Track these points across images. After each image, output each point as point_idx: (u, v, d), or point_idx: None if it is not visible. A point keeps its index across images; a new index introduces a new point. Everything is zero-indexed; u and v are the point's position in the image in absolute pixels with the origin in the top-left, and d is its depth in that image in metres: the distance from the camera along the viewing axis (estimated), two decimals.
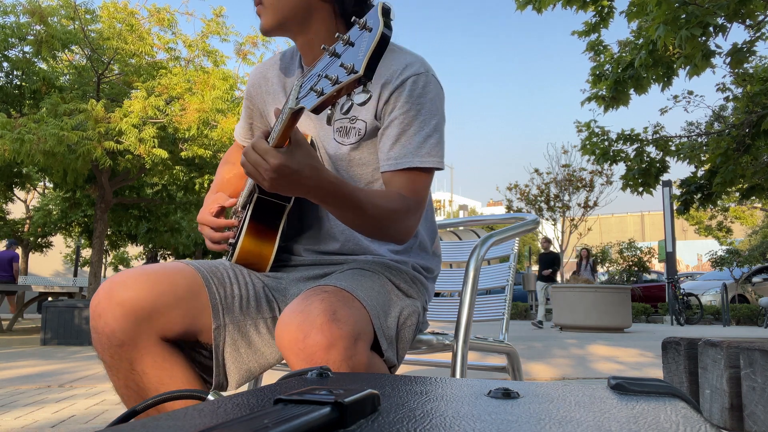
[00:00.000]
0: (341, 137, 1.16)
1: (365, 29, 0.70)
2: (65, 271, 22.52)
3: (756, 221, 23.71)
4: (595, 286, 10.44)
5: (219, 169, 1.43)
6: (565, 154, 19.23)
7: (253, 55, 9.48)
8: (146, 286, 0.98)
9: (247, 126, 1.38)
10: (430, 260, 1.30)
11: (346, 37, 0.72)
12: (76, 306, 6.62)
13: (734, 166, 6.89)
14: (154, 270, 1.02)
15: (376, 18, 0.69)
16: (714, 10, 4.71)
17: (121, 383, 1.01)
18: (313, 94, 0.75)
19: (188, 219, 13.42)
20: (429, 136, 1.10)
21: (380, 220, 1.02)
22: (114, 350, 0.98)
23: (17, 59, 8.19)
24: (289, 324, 0.89)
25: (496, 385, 0.51)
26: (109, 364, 1.00)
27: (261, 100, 1.31)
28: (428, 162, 1.09)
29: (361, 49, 0.69)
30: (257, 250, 1.16)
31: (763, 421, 0.91)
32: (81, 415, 2.52)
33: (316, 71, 0.78)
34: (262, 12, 1.13)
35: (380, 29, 0.68)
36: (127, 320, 0.96)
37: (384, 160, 1.11)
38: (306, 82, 0.81)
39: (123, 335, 0.97)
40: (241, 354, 1.06)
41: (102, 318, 0.98)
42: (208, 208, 1.23)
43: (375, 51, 0.68)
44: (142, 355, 0.98)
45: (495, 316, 1.71)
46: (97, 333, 0.99)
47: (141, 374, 0.99)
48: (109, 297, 0.98)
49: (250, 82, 1.34)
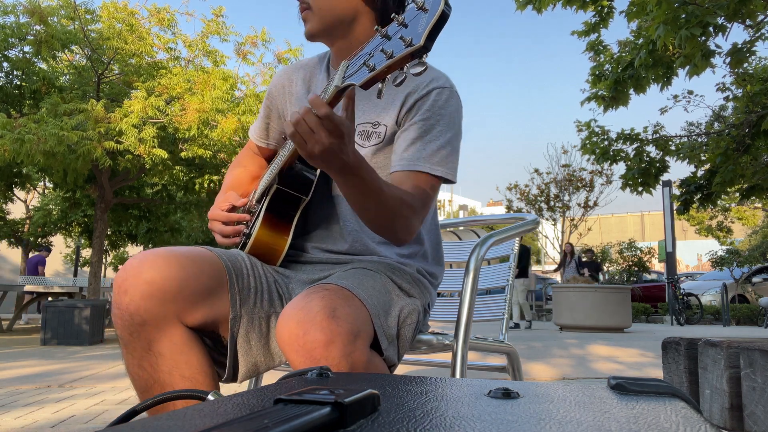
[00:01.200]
0: (362, 140, 1.18)
1: (422, 10, 0.73)
2: (65, 271, 22.50)
3: (756, 221, 23.71)
4: (595, 286, 10.43)
5: (230, 171, 1.44)
6: (565, 154, 19.25)
7: (253, 55, 9.48)
8: (175, 268, 0.98)
9: (263, 126, 1.38)
10: (434, 267, 1.32)
11: (401, 18, 0.75)
12: (76, 306, 6.62)
13: (734, 166, 6.89)
14: (183, 253, 1.01)
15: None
16: (714, 10, 4.71)
17: (135, 362, 0.99)
18: (364, 70, 0.77)
19: (188, 219, 13.41)
20: (443, 146, 1.14)
21: (392, 211, 1.03)
22: (135, 328, 0.97)
23: (17, 59, 8.19)
24: (289, 320, 0.90)
25: (496, 385, 0.51)
26: (126, 341, 0.99)
27: (282, 101, 1.33)
28: (438, 171, 1.13)
29: (420, 25, 0.72)
30: (271, 242, 1.18)
31: (763, 421, 0.91)
32: (81, 415, 2.52)
33: (366, 51, 0.80)
34: (309, 17, 1.14)
35: (441, 5, 0.70)
36: (152, 299, 0.96)
37: (397, 160, 1.14)
38: (353, 63, 0.82)
39: (146, 314, 0.96)
40: (251, 347, 1.07)
41: (128, 294, 0.96)
42: (219, 205, 1.24)
43: (436, 24, 0.70)
44: (161, 337, 0.97)
45: (495, 316, 1.71)
46: (120, 309, 0.97)
47: (157, 355, 0.98)
48: (137, 274, 0.97)
49: (273, 82, 1.35)
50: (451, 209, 41.80)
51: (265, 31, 9.42)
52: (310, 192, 1.18)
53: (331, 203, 1.23)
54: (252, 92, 9.09)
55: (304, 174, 1.18)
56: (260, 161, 1.45)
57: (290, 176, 1.17)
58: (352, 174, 0.94)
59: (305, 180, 1.18)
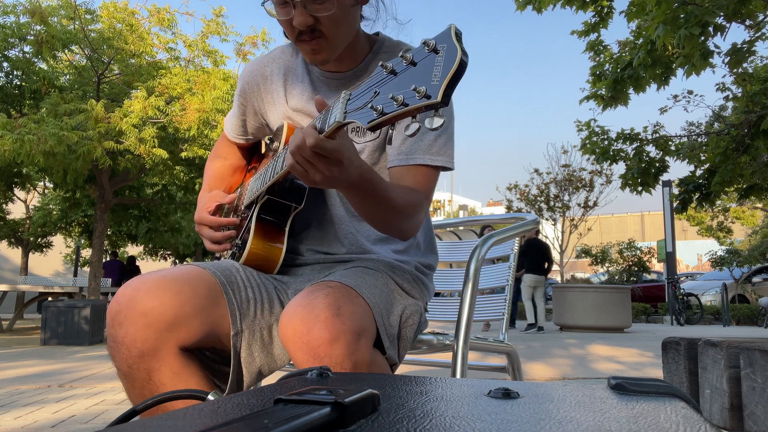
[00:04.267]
0: (358, 137, 1.17)
1: (433, 51, 0.66)
2: (65, 271, 22.49)
3: (756, 221, 23.69)
4: (596, 285, 10.39)
5: (209, 164, 1.40)
6: (565, 154, 19.21)
7: (253, 55, 9.47)
8: (169, 295, 0.95)
9: (239, 123, 1.35)
10: (429, 257, 1.32)
11: (409, 56, 0.69)
12: (76, 306, 6.62)
13: (733, 165, 6.90)
14: (176, 277, 0.98)
15: (452, 42, 0.65)
16: (713, 10, 4.71)
17: (136, 392, 0.97)
18: (370, 112, 0.72)
19: (188, 219, 13.40)
20: (439, 135, 1.12)
21: (399, 213, 1.03)
22: (133, 360, 0.94)
23: (17, 59, 8.19)
24: (293, 317, 0.89)
25: (496, 385, 0.51)
26: (125, 373, 0.96)
27: (257, 98, 1.29)
28: (438, 160, 1.11)
29: (434, 73, 0.65)
30: (266, 253, 1.15)
31: (763, 421, 0.91)
32: (81, 415, 2.52)
33: (369, 86, 0.75)
34: (323, 47, 1.07)
35: (459, 55, 0.63)
36: (149, 330, 0.93)
37: (395, 155, 1.12)
38: (356, 97, 0.77)
39: (144, 345, 0.93)
40: (254, 357, 1.05)
41: (123, 327, 0.93)
42: (206, 207, 1.21)
43: (453, 77, 0.64)
44: (161, 366, 0.94)
45: (495, 316, 1.71)
46: (116, 342, 0.94)
47: (159, 385, 0.95)
48: (131, 305, 0.94)
49: (244, 78, 1.30)
50: (451, 209, 41.78)
51: (265, 31, 9.42)
52: (303, 200, 1.16)
53: (325, 206, 1.21)
54: None
55: (296, 183, 1.16)
56: (239, 151, 1.43)
57: (282, 186, 1.14)
58: (356, 189, 0.93)
59: (298, 188, 1.16)
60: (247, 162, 1.44)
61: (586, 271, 24.99)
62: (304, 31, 1.04)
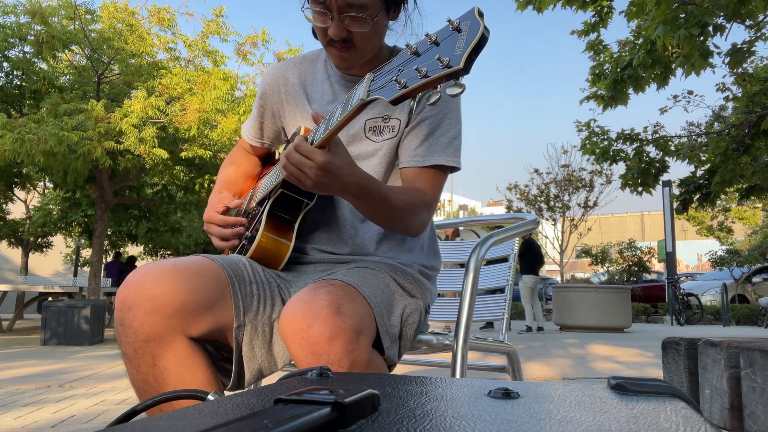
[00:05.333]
0: (375, 135, 1.20)
1: (456, 30, 0.71)
2: (65, 271, 22.49)
3: (757, 221, 23.69)
4: (596, 285, 10.39)
5: (222, 170, 1.42)
6: (565, 154, 19.23)
7: (253, 55, 9.48)
8: (178, 283, 0.96)
9: (257, 125, 1.37)
10: (432, 258, 1.33)
11: (433, 37, 0.74)
12: (76, 306, 6.62)
13: (733, 165, 6.89)
14: (185, 266, 1.00)
15: (475, 19, 0.71)
16: (713, 10, 4.71)
17: (139, 377, 0.98)
18: (393, 85, 0.76)
19: (188, 219, 13.41)
20: (454, 138, 1.18)
21: (403, 215, 1.07)
22: (139, 344, 0.95)
23: (17, 59, 8.19)
24: (293, 313, 0.90)
25: (496, 385, 0.51)
26: (130, 357, 0.97)
27: (277, 101, 1.31)
28: (453, 161, 1.18)
29: (457, 46, 0.70)
30: (274, 247, 1.17)
31: (763, 421, 0.91)
32: (81, 415, 2.52)
33: (394, 66, 0.79)
34: (352, 56, 1.13)
35: (481, 29, 0.69)
36: (156, 315, 0.94)
37: (410, 156, 1.16)
38: (380, 77, 0.82)
39: (151, 330, 0.95)
40: (255, 354, 1.06)
41: (131, 311, 0.95)
42: (214, 207, 1.23)
43: (475, 47, 0.69)
44: (166, 351, 0.96)
45: (495, 316, 1.71)
46: (123, 326, 0.96)
47: (162, 370, 0.97)
48: (140, 290, 0.96)
49: (266, 81, 1.32)
50: (451, 209, 41.79)
51: (265, 31, 9.43)
52: (315, 197, 1.17)
53: (332, 206, 1.23)
54: (252, 92, 9.11)
55: None
56: (254, 159, 1.44)
57: None
58: (352, 195, 0.98)
59: None
60: (259, 172, 1.46)
61: (586, 271, 25.01)
62: (337, 40, 1.10)
